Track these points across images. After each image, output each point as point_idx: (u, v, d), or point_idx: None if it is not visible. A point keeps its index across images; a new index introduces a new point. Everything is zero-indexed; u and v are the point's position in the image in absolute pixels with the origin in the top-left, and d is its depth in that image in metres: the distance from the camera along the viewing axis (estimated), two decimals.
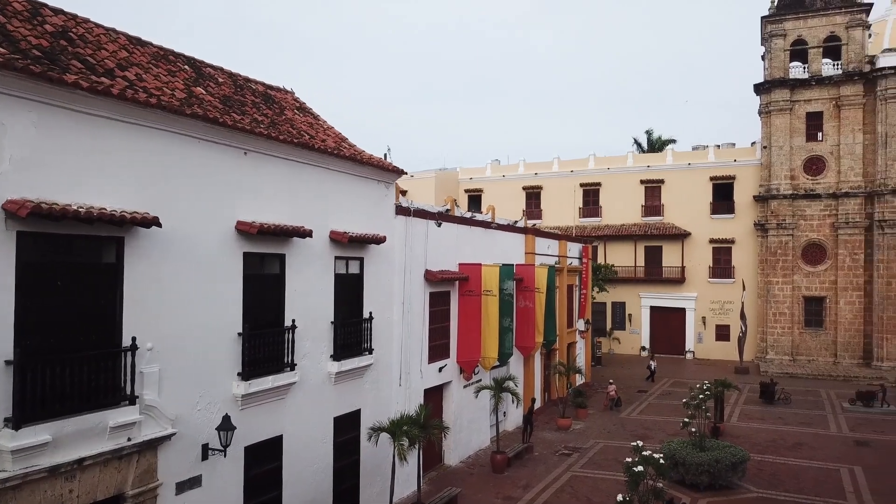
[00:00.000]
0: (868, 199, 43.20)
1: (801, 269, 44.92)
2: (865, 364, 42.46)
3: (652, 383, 38.43)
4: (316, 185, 16.48)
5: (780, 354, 44.62)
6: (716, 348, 47.76)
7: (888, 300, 41.66)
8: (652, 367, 40.03)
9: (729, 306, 47.48)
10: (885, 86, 42.43)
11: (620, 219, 51.41)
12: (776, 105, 45.52)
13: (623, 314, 51.09)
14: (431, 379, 21.50)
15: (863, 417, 29.81)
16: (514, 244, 28.45)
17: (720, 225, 48.31)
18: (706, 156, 49.72)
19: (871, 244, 42.80)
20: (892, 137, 42.13)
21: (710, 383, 26.09)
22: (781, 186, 45.33)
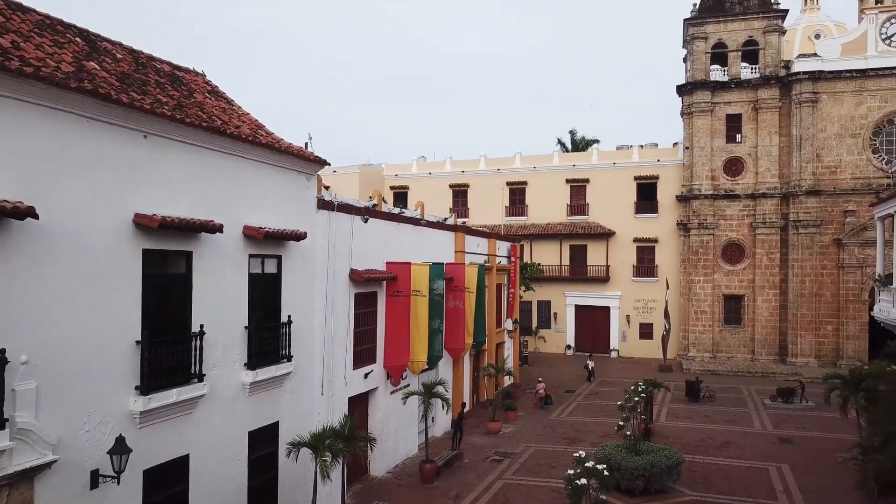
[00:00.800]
0: (784, 199, 44.47)
1: (721, 267, 45.84)
2: (781, 360, 43.69)
3: (589, 383, 38.08)
4: (228, 176, 14.86)
5: (702, 352, 45.40)
6: (640, 346, 48.20)
7: (802, 298, 42.98)
8: (590, 367, 39.62)
9: (652, 305, 48.00)
10: (799, 90, 43.76)
11: (546, 218, 51.24)
12: (698, 106, 46.28)
13: (549, 313, 50.95)
14: (356, 386, 20.14)
15: (784, 414, 30.30)
16: (443, 242, 27.37)
17: (644, 224, 48.80)
18: (630, 156, 50.16)
19: (787, 244, 44.07)
20: (807, 140, 43.48)
21: (642, 384, 25.75)
22: (703, 187, 46.13)
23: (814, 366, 41.97)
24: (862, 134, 42.82)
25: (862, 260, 41.90)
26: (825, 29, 59.35)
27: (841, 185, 42.97)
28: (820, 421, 28.84)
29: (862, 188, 42.42)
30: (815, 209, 43.11)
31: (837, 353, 42.34)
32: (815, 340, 42.75)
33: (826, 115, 43.42)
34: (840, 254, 42.48)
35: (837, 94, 43.28)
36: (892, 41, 42.65)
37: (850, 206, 42.43)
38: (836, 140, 43.26)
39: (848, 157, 43.03)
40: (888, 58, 42.34)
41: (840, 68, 43.03)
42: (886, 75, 42.28)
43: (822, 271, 42.93)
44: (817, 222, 42.91)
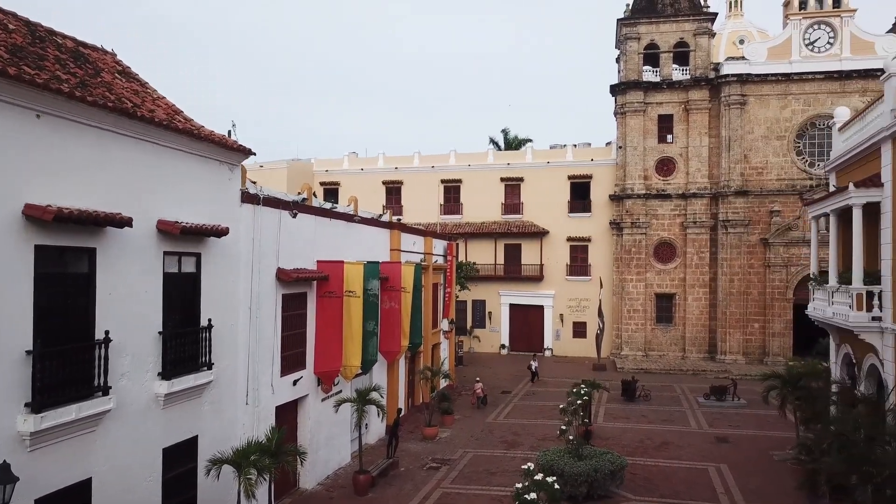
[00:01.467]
0: (713, 199, 45.19)
1: (653, 266, 46.23)
2: (711, 358, 44.38)
3: (532, 384, 37.49)
4: (141, 164, 13.31)
5: (635, 350, 45.67)
6: (573, 345, 48.14)
7: (731, 296, 43.75)
8: (533, 367, 38.81)
9: (586, 303, 48.02)
10: (728, 92, 44.54)
11: (481, 216, 50.61)
12: (631, 106, 46.54)
13: (483, 312, 50.34)
14: (285, 394, 18.73)
15: (717, 412, 30.45)
16: (378, 240, 26.16)
17: (578, 223, 48.77)
18: (564, 155, 50.06)
19: (717, 243, 44.80)
20: (735, 142, 44.29)
21: (582, 385, 25.24)
22: (636, 186, 46.42)
23: (742, 363, 42.79)
24: (787, 136, 43.92)
25: (787, 259, 42.96)
26: (749, 35, 61.06)
27: (767, 185, 43.96)
28: (753, 419, 29.09)
29: (787, 189, 43.51)
30: (743, 209, 43.97)
31: (764, 350, 43.30)
32: (742, 338, 43.60)
33: (753, 118, 44.34)
34: (766, 253, 43.44)
35: (764, 97, 44.25)
36: (814, 47, 43.89)
37: (775, 207, 43.44)
38: (762, 142, 44.23)
39: (774, 158, 44.06)
40: (811, 62, 43.55)
41: (766, 72, 44.00)
42: (809, 79, 43.48)
43: (749, 270, 43.82)
44: (745, 222, 43.78)
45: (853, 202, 18.17)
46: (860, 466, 12.67)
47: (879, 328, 17.79)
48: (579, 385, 26.07)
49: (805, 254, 42.69)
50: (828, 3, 43.89)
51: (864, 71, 42.55)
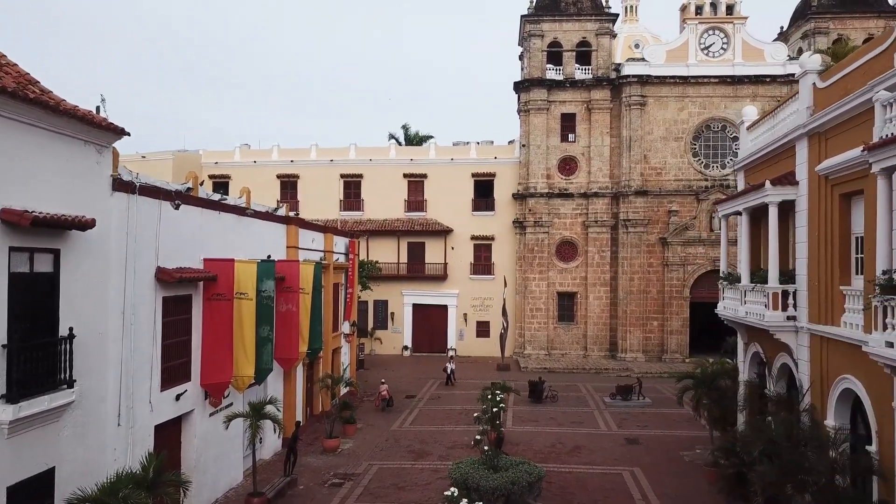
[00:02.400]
0: (614, 199, 45.57)
1: (556, 265, 46.11)
2: (612, 356, 44.72)
3: (451, 387, 36.07)
4: None
5: (538, 349, 45.37)
6: (477, 345, 47.32)
7: (631, 295, 44.25)
8: (449, 370, 37.23)
9: (489, 303, 47.32)
10: (628, 93, 45.02)
11: (383, 213, 48.89)
12: (534, 104, 46.21)
13: (385, 313, 48.64)
14: (166, 411, 16.37)
15: (624, 412, 30.23)
16: (273, 236, 23.95)
17: (481, 222, 48.00)
18: (468, 152, 49.17)
19: (617, 242, 45.20)
20: (635, 142, 44.82)
21: (493, 389, 24.09)
22: (539, 185, 46.14)
23: (641, 361, 43.35)
24: (684, 138, 44.90)
25: (684, 258, 43.89)
26: (643, 39, 62.64)
27: (666, 186, 44.77)
28: (660, 418, 29.02)
29: (684, 189, 44.47)
30: (643, 209, 44.57)
31: (662, 347, 44.07)
32: (642, 336, 44.19)
33: (652, 118, 45.05)
34: (665, 252, 44.23)
35: (662, 99, 45.04)
36: (709, 51, 45.11)
37: (673, 207, 44.30)
38: (661, 143, 45.01)
39: (672, 159, 44.93)
40: (706, 66, 44.72)
41: (665, 74, 44.80)
42: (705, 83, 44.63)
43: (648, 269, 44.48)
44: (644, 222, 44.39)
45: (769, 200, 17.91)
46: (795, 475, 12.10)
47: (794, 327, 17.60)
48: (490, 389, 24.98)
49: (701, 253, 43.86)
50: (721, 10, 45.22)
51: (754, 76, 44.12)
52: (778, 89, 43.75)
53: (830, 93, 16.13)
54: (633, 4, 68.85)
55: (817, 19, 45.08)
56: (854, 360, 14.72)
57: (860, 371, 14.47)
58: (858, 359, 14.49)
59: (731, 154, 44.80)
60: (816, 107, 16.84)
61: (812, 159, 16.88)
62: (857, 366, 14.57)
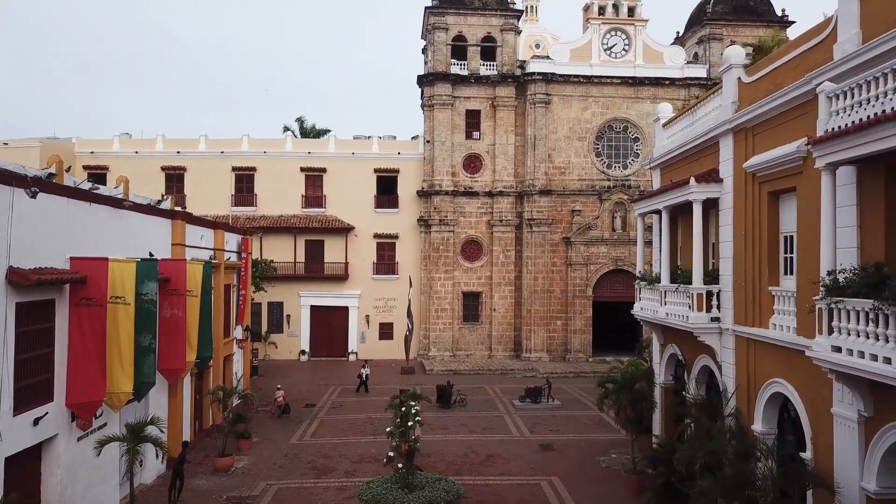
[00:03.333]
0: (519, 198, 45.06)
1: (461, 265, 45.09)
2: (516, 356, 44.18)
3: (366, 393, 34.00)
4: None
5: (442, 350, 44.18)
6: (380, 348, 45.53)
7: (535, 294, 43.85)
8: (364, 375, 35.09)
9: (393, 303, 45.67)
10: (533, 90, 44.62)
11: (279, 209, 46.13)
12: (439, 99, 44.97)
13: (281, 315, 45.94)
14: (21, 439, 13.70)
15: (535, 415, 29.40)
16: (157, 232, 21.27)
17: (384, 219, 46.26)
18: (370, 146, 47.27)
19: (522, 241, 44.70)
20: (540, 141, 44.47)
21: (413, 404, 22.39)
22: (444, 182, 44.94)
23: (546, 360, 43.05)
24: (587, 137, 44.99)
25: (587, 257, 43.97)
26: (544, 39, 62.82)
27: (569, 185, 44.70)
28: (571, 421, 28.38)
29: (587, 189, 44.56)
30: (547, 208, 44.29)
31: (566, 347, 43.95)
32: (546, 336, 43.90)
33: (557, 117, 44.87)
34: (568, 251, 44.14)
35: (567, 98, 44.95)
36: (612, 52, 45.44)
37: (577, 206, 44.29)
38: (565, 142, 44.91)
39: (575, 158, 44.92)
40: (609, 67, 45.02)
41: (569, 72, 44.71)
42: (608, 83, 44.90)
43: (552, 268, 44.25)
44: (549, 221, 44.12)
45: (694, 197, 17.32)
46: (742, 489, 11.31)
47: (718, 329, 17.08)
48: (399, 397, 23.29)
49: (603, 252, 44.09)
50: (623, 12, 45.64)
51: (654, 79, 44.83)
52: (676, 92, 44.65)
53: (758, 87, 15.63)
54: (534, 5, 69.03)
55: (712, 25, 46.39)
56: (785, 363, 14.22)
57: (793, 375, 13.95)
58: (791, 362, 14.01)
59: (633, 155, 45.41)
60: (742, 102, 16.35)
61: (738, 156, 16.37)
62: (789, 369, 14.06)
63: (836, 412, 12.23)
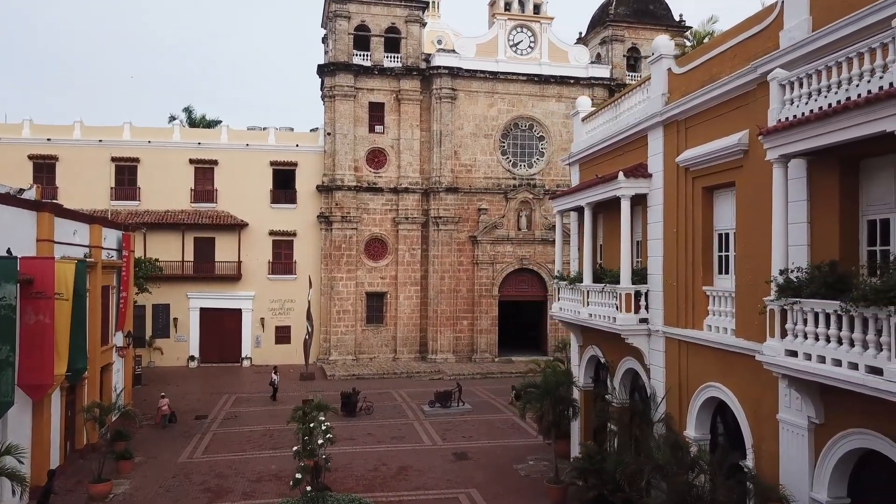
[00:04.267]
0: (425, 195, 43.75)
1: (364, 264, 43.26)
2: (422, 358, 42.85)
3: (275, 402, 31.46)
4: None
5: (344, 354, 42.19)
6: (276, 352, 42.92)
7: (442, 294, 42.70)
8: (275, 383, 32.69)
9: (290, 305, 43.20)
10: (439, 85, 43.44)
11: (165, 203, 42.57)
12: (341, 90, 42.93)
13: (167, 319, 42.42)
14: None
15: (446, 421, 28.11)
16: (17, 226, 18.25)
17: (282, 215, 43.69)
18: (266, 137, 44.53)
19: (428, 240, 43.42)
20: (446, 137, 43.35)
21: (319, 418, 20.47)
22: (346, 177, 42.95)
23: (452, 361, 42.00)
24: (493, 135, 44.30)
25: (493, 256, 43.28)
26: (446, 36, 61.90)
27: (476, 183, 43.84)
28: (483, 426, 27.28)
29: (493, 188, 43.88)
30: (454, 206, 43.24)
31: (472, 347, 43.08)
32: (453, 336, 42.85)
33: (463, 113, 43.91)
34: (475, 250, 43.29)
35: (473, 94, 44.09)
36: (518, 49, 44.99)
37: (483, 205, 43.50)
38: (471, 139, 44.01)
39: (482, 156, 44.13)
40: (515, 63, 44.53)
41: (475, 68, 43.87)
42: (514, 80, 44.38)
43: (459, 268, 43.25)
44: (455, 219, 43.08)
45: (622, 193, 16.54)
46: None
47: (647, 331, 16.38)
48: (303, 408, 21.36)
49: (509, 251, 43.58)
50: (529, 9, 45.32)
51: (560, 77, 44.74)
52: (581, 91, 44.68)
53: (691, 78, 14.99)
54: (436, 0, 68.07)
55: (614, 27, 46.89)
56: (723, 366, 13.59)
57: (731, 379, 13.34)
58: (729, 365, 13.39)
59: (538, 154, 45.14)
60: (672, 94, 15.70)
61: (669, 150, 15.70)
62: (727, 373, 13.44)
63: (783, 419, 11.63)
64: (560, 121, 44.82)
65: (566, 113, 44.76)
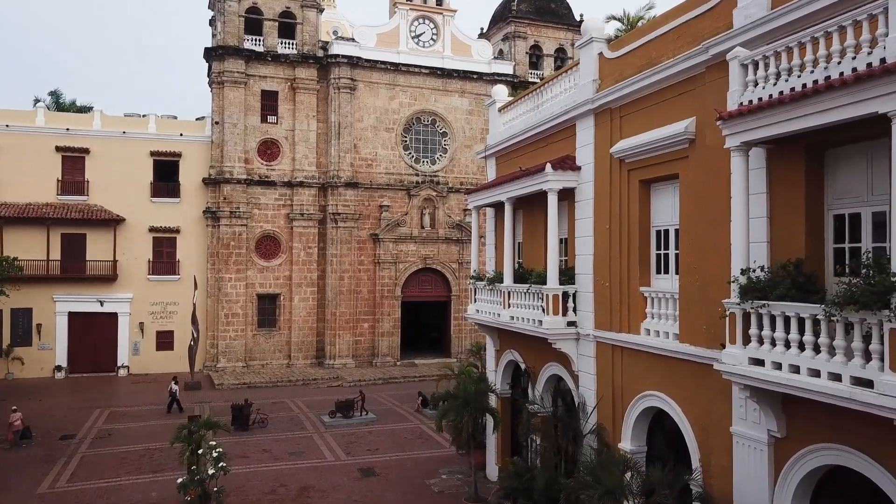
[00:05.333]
0: (322, 190, 41.39)
1: (255, 263, 40.35)
2: (319, 363, 40.48)
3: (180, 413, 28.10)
4: None
5: (234, 361, 39.12)
6: (157, 360, 39.26)
7: (340, 295, 40.50)
8: (174, 391, 29.57)
9: (173, 308, 39.63)
10: (337, 74, 41.23)
11: (26, 195, 37.91)
12: (230, 76, 39.84)
13: (29, 324, 37.81)
14: None
15: (348, 433, 26.10)
16: None
17: (164, 210, 40.00)
18: (146, 125, 40.63)
19: (326, 238, 41.09)
20: (345, 129, 41.19)
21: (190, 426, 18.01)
22: (235, 170, 39.89)
23: (352, 367, 39.91)
24: (395, 129, 42.56)
25: (396, 256, 41.55)
26: (342, 27, 59.49)
27: (377, 179, 41.95)
28: (389, 437, 25.49)
29: (395, 184, 42.16)
30: (354, 202, 41.15)
31: (373, 351, 41.17)
32: (352, 340, 40.73)
33: (363, 105, 41.89)
34: (376, 249, 41.41)
35: (373, 85, 42.16)
36: (420, 40, 43.48)
37: (385, 201, 41.68)
38: (372, 132, 42.07)
39: (383, 151, 42.28)
40: (417, 56, 42.99)
41: (376, 58, 41.98)
42: (416, 73, 42.83)
43: (359, 267, 41.20)
44: (355, 216, 41.00)
45: (549, 186, 15.26)
46: None
47: (576, 335, 15.20)
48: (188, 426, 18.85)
49: (412, 250, 42.05)
50: (432, 0, 43.91)
51: (463, 72, 43.60)
52: (484, 87, 43.77)
53: (625, 63, 13.91)
54: None
55: (517, 23, 46.34)
56: (664, 374, 12.56)
57: (673, 388, 12.32)
58: (671, 373, 12.36)
59: (441, 150, 43.83)
60: (605, 80, 14.59)
61: (601, 140, 14.58)
62: (669, 381, 12.42)
63: (738, 432, 10.62)
64: (463, 116, 43.71)
65: (469, 108, 43.81)
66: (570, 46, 46.71)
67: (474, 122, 43.88)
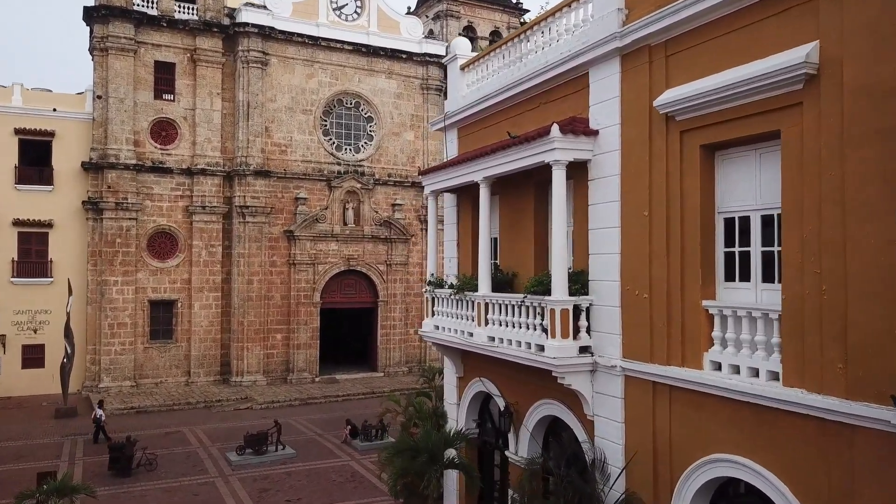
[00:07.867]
0: (228, 179, 35.72)
1: (147, 264, 34.20)
2: (224, 381, 34.80)
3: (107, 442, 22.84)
4: None
5: (120, 380, 32.88)
6: (24, 380, 32.53)
7: (250, 302, 34.94)
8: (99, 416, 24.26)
9: (44, 317, 32.96)
10: (247, 46, 35.68)
11: None
12: (116, 42, 33.62)
13: None
14: None
15: (262, 475, 20.92)
16: None
17: (32, 200, 33.24)
18: (9, 97, 33.69)
19: (232, 234, 35.41)
20: (255, 109, 35.67)
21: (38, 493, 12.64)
22: (123, 153, 33.66)
23: (263, 384, 34.47)
24: (313, 111, 37.37)
25: (314, 256, 36.37)
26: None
27: (292, 167, 36.65)
28: (312, 479, 20.52)
29: (314, 173, 37.01)
30: (265, 194, 35.68)
31: (288, 366, 35.82)
32: (263, 353, 35.22)
33: (277, 83, 36.50)
34: (291, 248, 36.08)
35: (289, 61, 36.86)
36: (342, 13, 38.53)
37: (302, 193, 36.43)
38: (287, 114, 36.74)
39: (299, 135, 37.02)
40: (339, 30, 38.04)
41: (291, 30, 36.77)
42: (337, 49, 37.83)
43: (271, 269, 35.74)
44: (267, 210, 35.54)
45: (556, 157, 10.92)
46: None
47: (591, 365, 10.94)
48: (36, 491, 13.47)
49: (333, 250, 37.02)
50: None
51: (390, 50, 38.95)
52: (414, 69, 39.39)
53: None
54: None
55: (449, 1, 42.10)
56: (750, 430, 8.44)
57: (767, 451, 8.21)
58: (764, 430, 8.26)
59: (367, 137, 39.00)
60: (636, 8, 10.37)
61: (633, 92, 10.35)
62: (761, 442, 8.31)
63: None
64: (391, 100, 39.03)
65: (398, 92, 39.23)
66: (506, 30, 42.96)
67: (403, 108, 39.28)
